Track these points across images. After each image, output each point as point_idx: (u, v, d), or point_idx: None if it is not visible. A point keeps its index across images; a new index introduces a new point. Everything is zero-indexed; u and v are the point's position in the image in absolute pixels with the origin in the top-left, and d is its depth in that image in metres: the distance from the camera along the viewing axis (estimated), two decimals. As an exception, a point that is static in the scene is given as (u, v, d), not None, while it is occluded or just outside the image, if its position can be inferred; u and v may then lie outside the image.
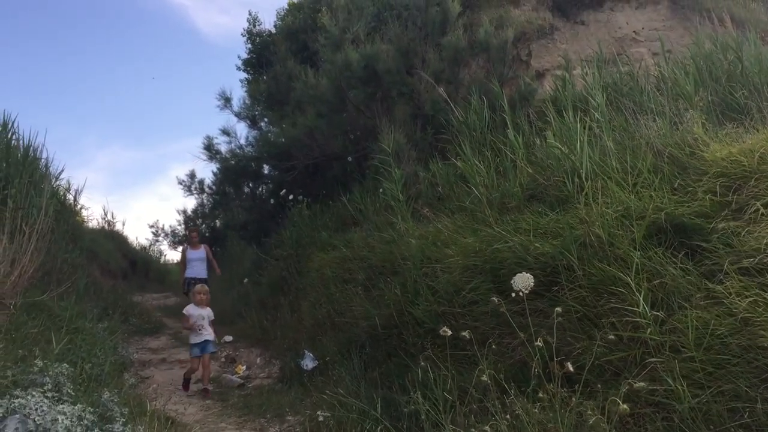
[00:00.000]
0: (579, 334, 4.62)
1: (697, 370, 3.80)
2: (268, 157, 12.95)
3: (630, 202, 5.17)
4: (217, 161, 14.36)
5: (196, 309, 8.21)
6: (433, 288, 6.38)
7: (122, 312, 10.96)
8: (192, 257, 11.86)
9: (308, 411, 6.44)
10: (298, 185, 12.41)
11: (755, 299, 3.93)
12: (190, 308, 8.22)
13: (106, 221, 20.21)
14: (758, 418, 3.42)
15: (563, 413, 3.50)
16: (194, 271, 11.74)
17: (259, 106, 14.39)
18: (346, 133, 11.28)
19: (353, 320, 7.61)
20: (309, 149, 11.67)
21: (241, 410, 6.98)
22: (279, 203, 12.77)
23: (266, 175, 14.06)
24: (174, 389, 7.85)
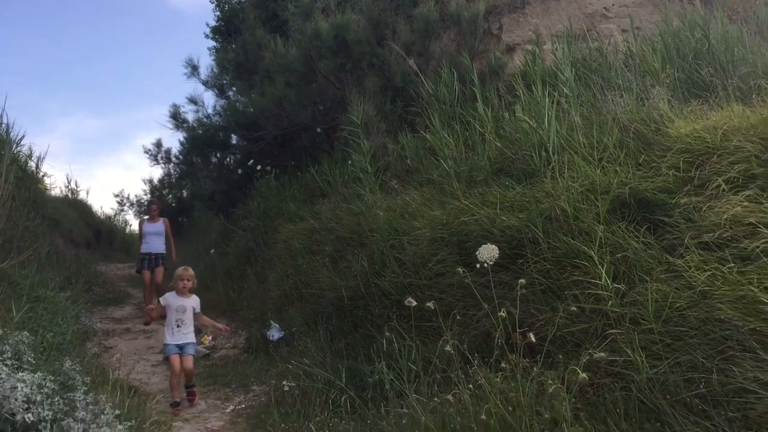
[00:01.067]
0: (542, 306, 4.68)
1: (655, 342, 3.88)
2: (236, 127, 12.77)
3: (595, 176, 5.22)
4: (184, 130, 14.14)
5: (177, 299, 6.47)
6: (400, 260, 6.40)
7: (85, 281, 10.81)
8: (149, 231, 10.70)
9: (273, 381, 6.46)
10: (267, 156, 12.28)
11: (714, 273, 4.01)
12: (168, 297, 6.53)
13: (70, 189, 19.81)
14: (714, 389, 3.51)
15: (525, 383, 3.55)
16: (150, 245, 10.61)
17: (227, 74, 14.16)
18: (316, 104, 11.17)
19: (320, 291, 7.61)
20: (278, 119, 11.54)
21: (206, 380, 6.97)
22: (247, 174, 12.62)
23: (234, 145, 13.88)
24: (138, 359, 7.79)
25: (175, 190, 21.11)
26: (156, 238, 10.69)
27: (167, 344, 6.31)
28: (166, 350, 6.34)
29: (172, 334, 6.31)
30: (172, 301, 6.44)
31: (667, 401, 3.59)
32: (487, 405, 3.45)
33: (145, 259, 10.53)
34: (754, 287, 3.78)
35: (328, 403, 5.02)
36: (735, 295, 3.82)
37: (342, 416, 4.83)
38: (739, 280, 3.89)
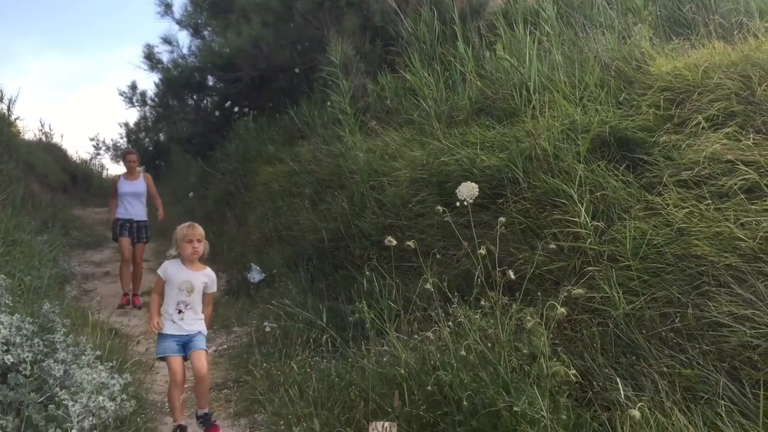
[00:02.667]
0: (522, 245, 4.71)
1: (632, 278, 3.93)
2: (213, 68, 12.52)
3: (576, 115, 5.19)
4: (159, 71, 13.83)
5: (181, 269, 4.45)
6: (380, 201, 6.39)
7: (62, 225, 10.70)
8: (126, 191, 8.12)
9: (255, 322, 6.50)
10: (244, 97, 12.08)
11: (691, 210, 4.04)
12: (169, 267, 4.46)
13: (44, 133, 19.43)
14: (688, 323, 3.57)
15: (504, 319, 3.59)
16: (128, 210, 8.09)
17: (202, 13, 13.79)
18: (294, 44, 10.95)
19: (300, 233, 7.60)
20: (255, 60, 11.32)
21: (187, 322, 6.97)
22: (224, 116, 12.44)
23: (211, 86, 13.63)
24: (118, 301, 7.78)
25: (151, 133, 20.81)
26: (136, 201, 8.15)
27: (163, 337, 4.35)
28: (160, 347, 4.34)
29: (172, 321, 4.35)
30: (174, 273, 4.40)
31: (642, 336, 3.65)
32: (466, 341, 3.49)
33: (125, 227, 8.07)
34: (731, 224, 3.82)
35: (309, 343, 5.06)
36: (711, 232, 3.86)
37: (323, 355, 4.87)
38: (715, 217, 3.93)
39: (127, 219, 8.09)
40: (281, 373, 4.69)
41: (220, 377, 5.31)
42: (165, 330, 4.33)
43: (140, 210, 8.20)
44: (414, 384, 3.70)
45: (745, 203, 3.94)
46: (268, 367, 4.98)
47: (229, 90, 12.15)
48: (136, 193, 8.20)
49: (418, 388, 3.64)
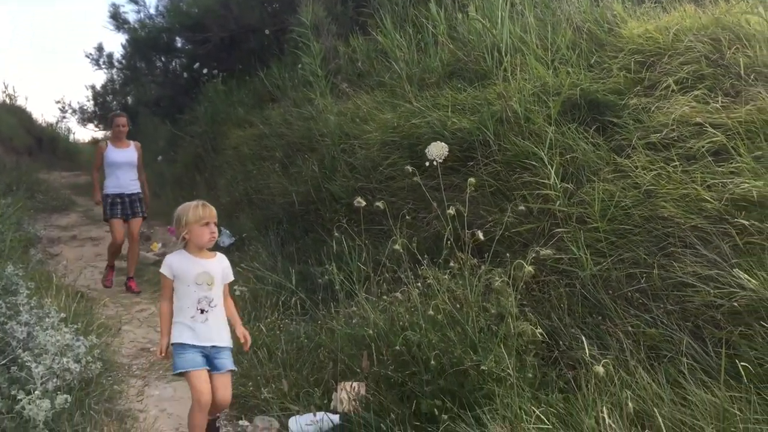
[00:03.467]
0: (492, 208, 4.71)
1: (600, 240, 3.95)
2: (181, 29, 12.25)
3: (547, 78, 5.17)
4: (126, 32, 13.50)
5: (193, 261, 3.50)
6: (351, 164, 6.35)
7: (27, 188, 10.48)
8: (116, 160, 7.02)
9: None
10: (213, 59, 11.86)
11: (659, 172, 4.06)
12: (174, 261, 3.51)
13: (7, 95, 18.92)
14: (654, 283, 3.61)
15: (472, 280, 3.60)
16: (121, 182, 7.00)
17: (169, -28, 13.45)
18: (264, 4, 10.75)
19: (270, 197, 7.55)
20: (224, 20, 11.08)
21: (156, 286, 6.90)
22: (193, 78, 12.21)
23: (179, 48, 13.35)
24: (85, 265, 7.67)
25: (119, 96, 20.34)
26: (128, 171, 7.08)
27: (182, 348, 3.41)
28: (180, 359, 3.40)
29: (192, 328, 3.41)
30: (185, 267, 3.47)
31: (609, 296, 3.69)
32: (434, 302, 3.49)
33: (116, 204, 6.94)
34: (697, 185, 3.85)
35: (278, 305, 5.04)
36: (678, 194, 3.89)
37: (292, 317, 4.86)
38: (683, 179, 3.96)
39: (119, 194, 6.97)
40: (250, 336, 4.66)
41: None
42: (184, 338, 3.38)
43: (133, 182, 7.09)
44: (382, 344, 3.71)
45: (712, 165, 3.97)
46: (237, 330, 4.96)
47: (198, 51, 11.91)
48: (129, 163, 7.08)
49: (387, 348, 3.65)
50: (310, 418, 3.54)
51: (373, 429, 3.29)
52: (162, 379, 4.57)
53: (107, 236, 9.15)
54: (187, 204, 3.52)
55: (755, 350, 3.04)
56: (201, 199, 3.58)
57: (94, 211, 10.71)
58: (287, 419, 3.67)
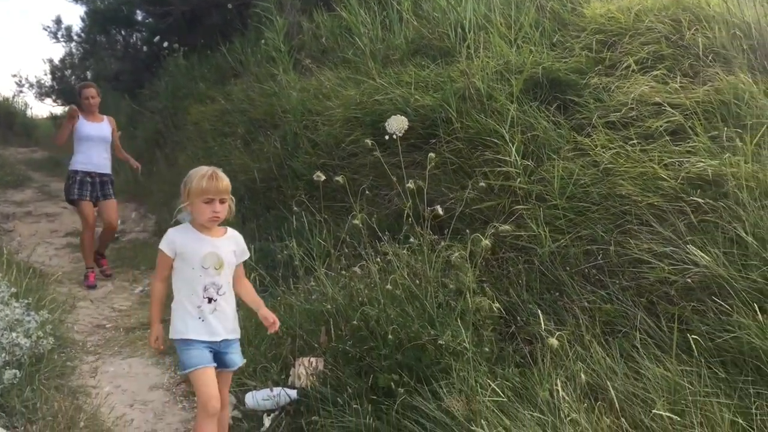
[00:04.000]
0: (453, 185, 4.70)
1: (559, 217, 3.98)
2: (141, 2, 11.95)
3: (510, 56, 5.17)
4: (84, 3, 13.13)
5: (200, 239, 2.95)
6: (313, 141, 6.28)
7: (-20, 163, 10.21)
8: (88, 134, 6.31)
9: (184, 262, 6.37)
10: (175, 33, 11.58)
11: (618, 151, 4.10)
12: (177, 237, 2.96)
13: (-40, 68, 18.29)
14: (610, 260, 3.65)
15: (431, 256, 3.59)
16: (91, 159, 6.30)
17: (129, -58, 13.08)
18: (227, -22, 10.52)
19: (232, 174, 7.32)
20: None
21: (114, 262, 6.80)
22: (153, 52, 11.94)
23: (139, 21, 13.02)
24: (40, 242, 7.50)
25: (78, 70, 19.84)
26: (100, 148, 6.36)
27: (188, 344, 2.91)
28: (187, 357, 2.91)
29: (200, 318, 2.91)
30: (190, 245, 2.92)
31: (566, 273, 3.72)
32: (393, 275, 3.48)
33: (85, 183, 6.23)
34: (655, 164, 3.90)
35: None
36: (636, 172, 3.94)
37: (252, 294, 4.81)
38: (641, 158, 4.00)
39: (88, 172, 6.24)
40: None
41: (146, 317, 5.19)
42: (190, 333, 2.87)
43: (105, 160, 6.40)
44: (341, 320, 3.69)
45: (669, 145, 4.03)
46: (195, 306, 4.89)
47: (159, 25, 11.63)
48: (102, 139, 6.38)
49: (345, 323, 3.63)
50: (267, 393, 3.51)
51: (330, 403, 3.27)
52: (117, 355, 4.50)
53: (63, 213, 9.03)
54: (198, 170, 2.91)
55: (707, 325, 3.10)
56: (215, 168, 2.91)
57: (50, 187, 10.50)
58: (244, 394, 3.64)
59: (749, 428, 2.51)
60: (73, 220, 8.88)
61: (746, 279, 3.17)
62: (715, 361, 2.95)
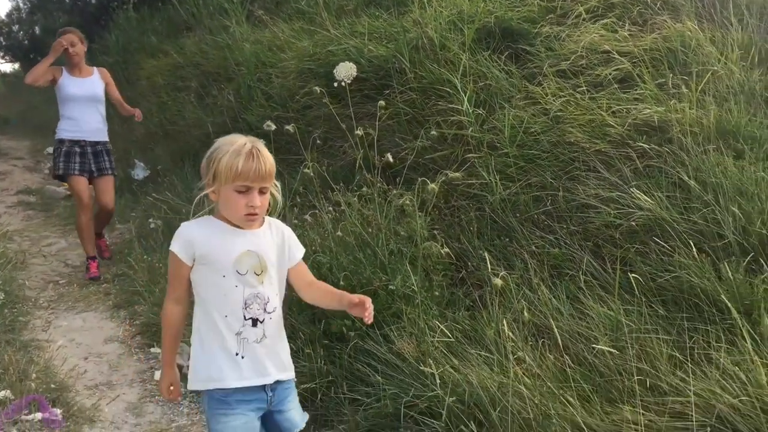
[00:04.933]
0: (407, 136, 4.71)
1: (510, 165, 4.03)
2: (88, -48, 11.55)
3: (463, 5, 5.15)
4: (28, -46, 12.63)
5: (229, 233, 1.97)
6: (268, 93, 6.21)
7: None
8: (73, 94, 5.11)
9: (138, 218, 6.31)
10: (124, -15, 11.26)
11: (568, 99, 4.15)
12: (197, 234, 1.96)
13: None
14: (559, 205, 3.72)
15: (382, 203, 3.62)
16: (79, 124, 5.11)
17: None
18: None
19: (186, 128, 7.34)
20: (135, -57, 10.50)
21: (66, 220, 6.69)
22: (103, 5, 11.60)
23: (87, -27, 12.62)
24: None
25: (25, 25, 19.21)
26: (91, 109, 5.18)
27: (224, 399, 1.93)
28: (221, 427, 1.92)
29: (239, 353, 1.94)
30: (218, 242, 1.97)
31: (516, 219, 3.78)
32: (344, 222, 3.50)
33: (73, 155, 5.05)
34: (603, 111, 3.96)
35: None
36: (585, 120, 3.99)
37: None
38: (589, 106, 4.05)
39: (78, 140, 5.07)
40: (162, 265, 4.58)
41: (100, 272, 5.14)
42: (229, 379, 1.91)
43: (99, 124, 5.21)
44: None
45: (617, 92, 4.09)
46: (149, 260, 4.87)
47: (108, -23, 11.29)
48: (92, 97, 5.18)
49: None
50: (222, 342, 3.51)
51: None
52: (71, 310, 4.47)
53: (14, 170, 8.83)
54: (229, 140, 1.96)
55: (649, 266, 3.20)
56: (252, 139, 1.96)
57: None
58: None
59: (685, 361, 2.61)
60: (24, 178, 8.70)
61: (687, 221, 3.27)
62: (656, 300, 3.05)
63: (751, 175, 3.33)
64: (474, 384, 2.67)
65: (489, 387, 2.67)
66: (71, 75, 5.16)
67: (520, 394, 2.59)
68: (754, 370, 2.46)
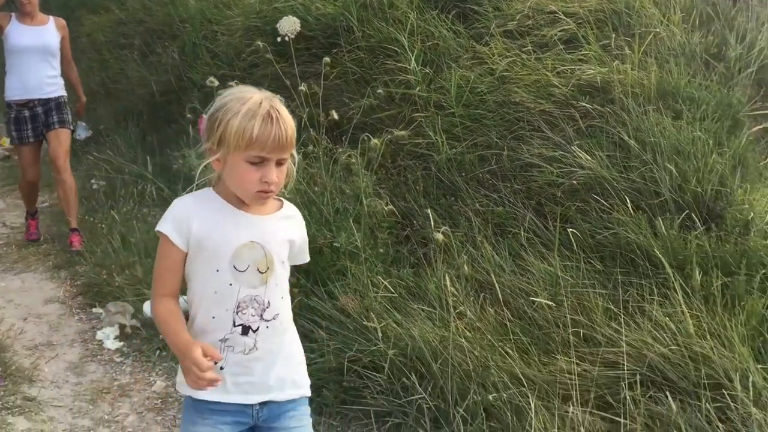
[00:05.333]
0: (354, 95, 4.68)
1: (456, 125, 4.04)
2: None
3: (412, -37, 5.09)
4: None
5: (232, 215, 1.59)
6: (213, 51, 6.08)
7: None
8: (22, 44, 4.66)
9: (80, 179, 6.15)
10: (63, -62, 10.79)
11: (514, 59, 4.16)
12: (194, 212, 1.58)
13: None
14: (503, 165, 3.76)
15: (328, 162, 3.60)
16: (27, 81, 4.65)
17: None
18: None
19: (129, 87, 7.15)
20: None
21: (5, 180, 6.51)
22: (40, -42, 11.09)
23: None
24: None
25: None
26: (41, 63, 4.70)
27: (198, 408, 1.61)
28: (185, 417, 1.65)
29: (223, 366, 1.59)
30: (218, 226, 1.58)
31: (462, 178, 3.81)
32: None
33: (22, 120, 4.66)
34: (548, 72, 3.99)
35: (134, 195, 4.87)
36: (530, 80, 4.02)
37: (150, 207, 4.72)
38: (535, 66, 4.08)
39: (26, 102, 4.62)
40: (104, 226, 4.50)
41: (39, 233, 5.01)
42: (202, 392, 1.57)
43: (51, 80, 4.74)
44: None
45: (562, 53, 4.12)
46: (91, 221, 4.77)
47: (45, -72, 10.78)
48: (43, 48, 4.69)
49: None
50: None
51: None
52: (9, 271, 4.36)
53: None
54: (241, 97, 1.59)
55: (589, 223, 3.27)
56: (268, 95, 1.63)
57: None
58: (142, 304, 3.61)
59: (619, 314, 2.69)
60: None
61: (626, 179, 3.35)
62: (594, 255, 3.13)
63: (688, 135, 3.41)
64: (416, 338, 2.71)
65: (431, 341, 2.71)
66: (21, 23, 4.69)
67: (460, 347, 2.65)
68: (684, 321, 2.55)
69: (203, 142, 1.61)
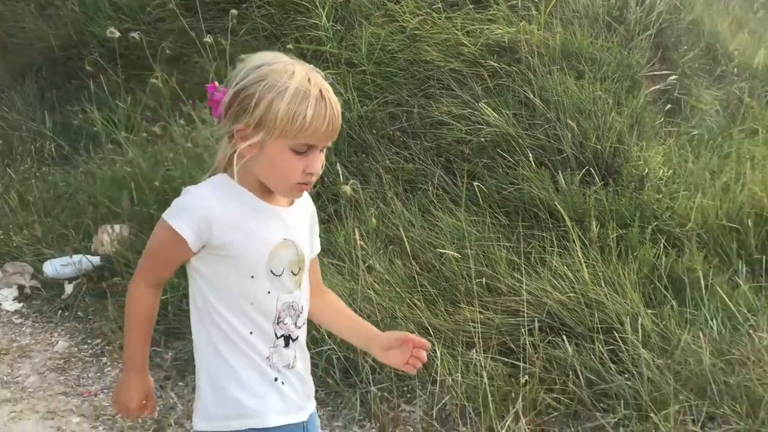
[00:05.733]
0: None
1: (367, 82, 4.04)
2: None
3: None
4: None
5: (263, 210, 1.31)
6: (116, 4, 5.82)
7: None
8: None
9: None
10: None
11: (425, 18, 4.18)
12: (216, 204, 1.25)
13: None
14: (414, 122, 3.80)
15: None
16: None
17: None
18: None
19: (27, 41, 6.75)
20: None
21: None
22: None
23: None
24: None
25: None
26: None
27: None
28: None
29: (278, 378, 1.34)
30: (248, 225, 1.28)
31: (373, 136, 3.83)
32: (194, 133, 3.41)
33: None
34: (458, 31, 4.03)
35: (33, 153, 4.65)
36: (441, 39, 4.05)
37: (49, 165, 4.53)
38: (445, 25, 4.11)
39: None
40: (1, 185, 4.29)
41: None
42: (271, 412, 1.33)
43: None
44: (144, 184, 3.58)
45: (472, 12, 4.17)
46: (-15, 181, 4.54)
47: None
48: None
49: (149, 187, 3.53)
50: (67, 260, 3.38)
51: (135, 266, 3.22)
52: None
53: None
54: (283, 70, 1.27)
55: (495, 179, 3.36)
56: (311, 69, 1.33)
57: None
58: (42, 264, 3.48)
59: (521, 265, 2.79)
60: None
61: (531, 137, 3.46)
62: (500, 210, 3.23)
63: (589, 94, 3.54)
64: (325, 291, 2.73)
65: (341, 294, 2.74)
66: None
67: (369, 299, 2.69)
68: (581, 270, 2.68)
69: (225, 121, 1.27)
